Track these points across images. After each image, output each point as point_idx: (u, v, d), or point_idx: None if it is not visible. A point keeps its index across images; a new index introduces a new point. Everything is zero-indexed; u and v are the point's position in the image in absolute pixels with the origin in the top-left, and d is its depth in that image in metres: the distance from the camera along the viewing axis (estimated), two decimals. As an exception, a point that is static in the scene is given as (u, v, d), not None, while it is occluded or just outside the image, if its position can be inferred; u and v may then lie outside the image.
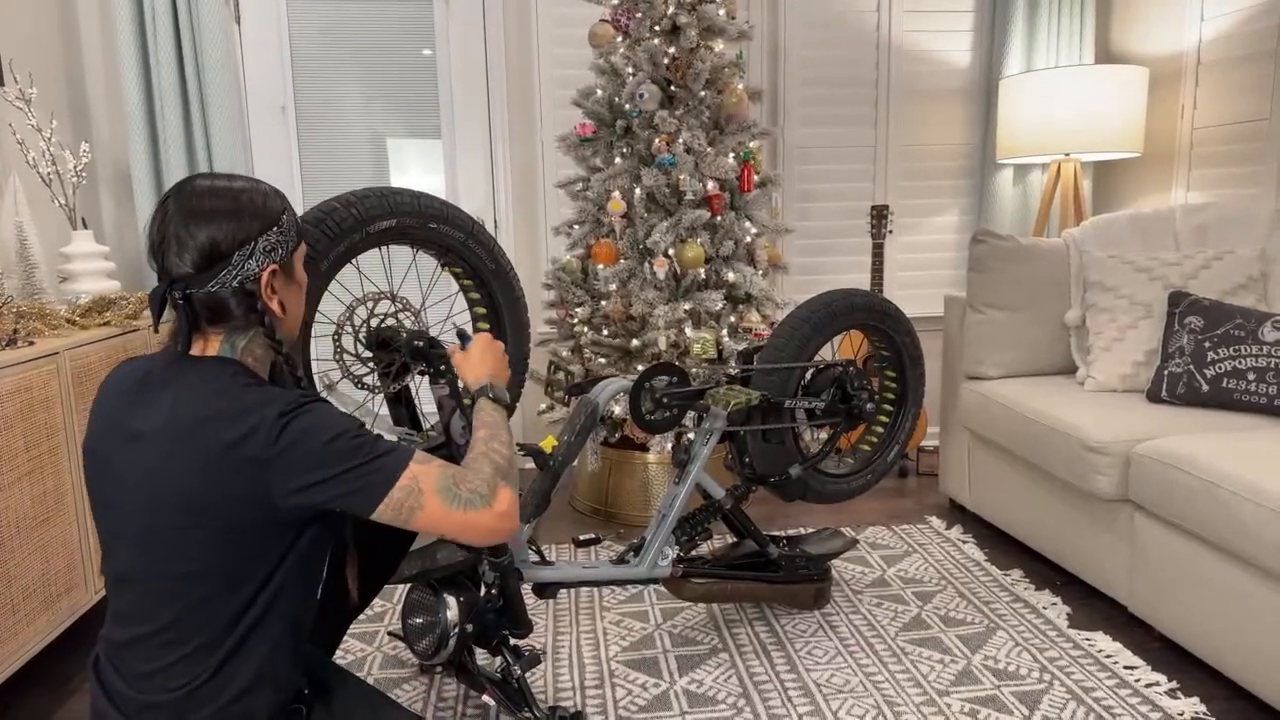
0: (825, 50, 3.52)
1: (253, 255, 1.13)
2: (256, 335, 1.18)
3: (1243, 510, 1.77)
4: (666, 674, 2.02)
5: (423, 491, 1.13)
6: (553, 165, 3.42)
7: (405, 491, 1.12)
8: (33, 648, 1.96)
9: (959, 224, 3.73)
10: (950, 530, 2.85)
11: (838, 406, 2.15)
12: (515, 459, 1.30)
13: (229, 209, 1.12)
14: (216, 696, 1.16)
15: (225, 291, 1.13)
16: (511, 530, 1.19)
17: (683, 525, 2.02)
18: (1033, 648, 2.09)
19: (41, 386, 2.00)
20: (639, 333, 2.80)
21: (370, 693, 1.40)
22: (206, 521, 1.10)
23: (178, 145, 3.01)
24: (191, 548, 1.11)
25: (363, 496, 1.12)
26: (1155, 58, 3.29)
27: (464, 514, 1.14)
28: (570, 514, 3.09)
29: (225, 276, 1.12)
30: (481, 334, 1.54)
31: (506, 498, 1.19)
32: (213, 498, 1.09)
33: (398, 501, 1.12)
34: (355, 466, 1.11)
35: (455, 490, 1.14)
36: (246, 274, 1.13)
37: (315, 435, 1.10)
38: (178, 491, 1.09)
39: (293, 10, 3.27)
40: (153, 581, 1.13)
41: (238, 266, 1.12)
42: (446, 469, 1.17)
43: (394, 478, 1.12)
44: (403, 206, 1.55)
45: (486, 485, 1.17)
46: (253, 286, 1.14)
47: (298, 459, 1.09)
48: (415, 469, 1.14)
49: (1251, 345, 2.26)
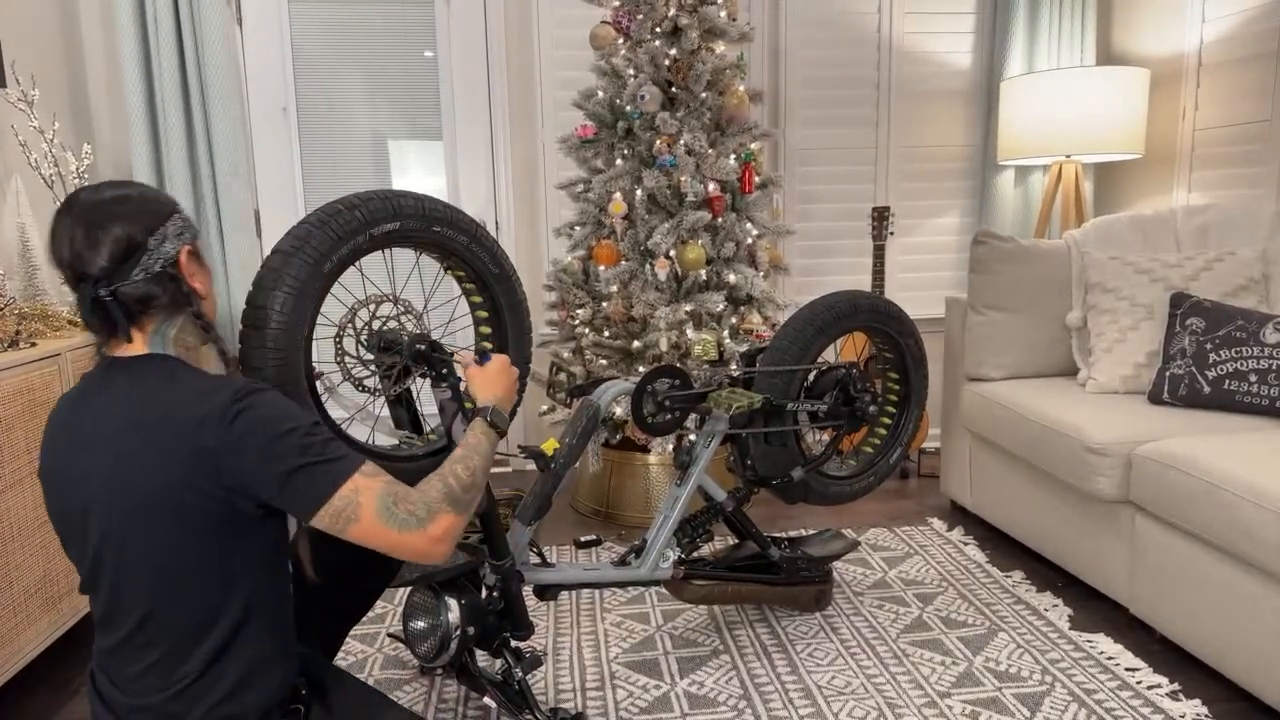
0: (826, 51, 3.52)
1: (166, 239, 1.14)
2: (186, 321, 1.19)
3: (1244, 512, 1.77)
4: (667, 676, 2.02)
5: (360, 505, 1.12)
6: (554, 167, 3.42)
7: (345, 501, 1.12)
8: (34, 649, 1.96)
9: (960, 225, 3.73)
10: (952, 532, 2.85)
11: (840, 409, 2.15)
12: (479, 485, 1.28)
13: (129, 205, 1.13)
14: (206, 695, 1.17)
15: (149, 278, 1.13)
16: (443, 555, 1.18)
17: (684, 527, 2.02)
18: (1034, 649, 2.09)
19: (44, 388, 2.00)
20: (640, 334, 2.80)
21: (370, 693, 1.41)
22: (169, 515, 1.10)
23: (179, 146, 3.01)
24: (157, 543, 1.11)
25: (304, 500, 1.12)
26: (1156, 59, 3.29)
27: (397, 534, 1.13)
28: (572, 516, 3.09)
29: (147, 263, 1.13)
30: (502, 356, 1.55)
31: (445, 524, 1.17)
32: (172, 489, 1.09)
33: (336, 510, 1.12)
34: (302, 466, 1.10)
35: (393, 509, 1.13)
36: (165, 257, 1.14)
37: (268, 426, 1.10)
38: (139, 488, 1.10)
39: (294, 12, 3.27)
40: (124, 583, 1.14)
41: (154, 251, 1.13)
42: (390, 486, 1.15)
43: (337, 485, 1.12)
44: (407, 209, 1.55)
45: (426, 509, 1.16)
46: (173, 270, 1.15)
47: (249, 449, 1.09)
48: (359, 480, 1.13)
49: (1253, 347, 2.26)
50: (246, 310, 1.39)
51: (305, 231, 1.43)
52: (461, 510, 1.21)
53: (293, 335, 1.40)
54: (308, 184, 3.38)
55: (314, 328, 1.47)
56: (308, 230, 1.43)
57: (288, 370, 1.39)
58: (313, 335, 1.47)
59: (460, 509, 1.21)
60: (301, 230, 1.43)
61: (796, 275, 3.61)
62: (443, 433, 1.69)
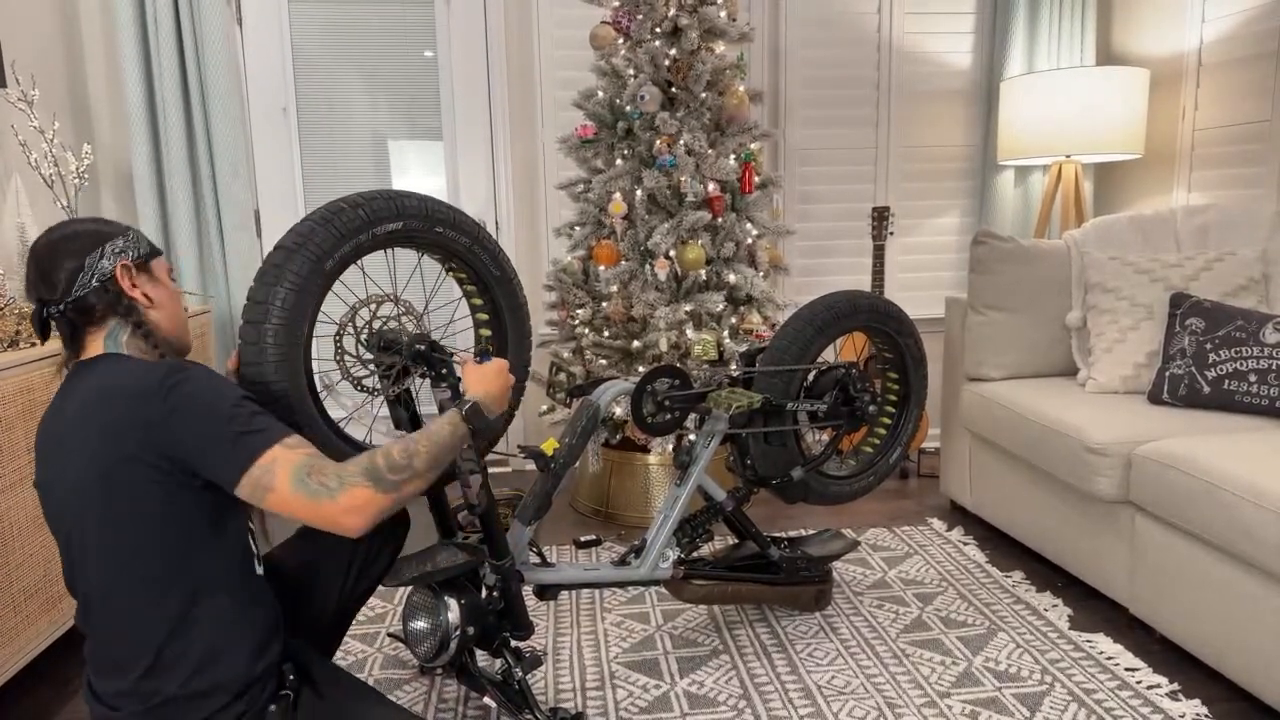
0: (826, 52, 3.52)
1: (103, 257, 1.27)
2: (135, 327, 1.30)
3: (1244, 512, 1.77)
4: (667, 675, 2.02)
5: (276, 474, 1.17)
6: (554, 167, 3.43)
7: (262, 470, 1.17)
8: (35, 648, 1.96)
9: (960, 225, 3.73)
10: (951, 532, 2.85)
11: (840, 409, 2.15)
12: (420, 471, 1.28)
13: (74, 241, 1.27)
14: (172, 672, 1.22)
15: (87, 292, 1.26)
16: (356, 528, 1.20)
17: (684, 527, 2.02)
18: (1034, 649, 2.09)
19: (44, 388, 2.00)
20: (640, 334, 2.81)
21: (367, 691, 1.42)
22: (117, 491, 1.18)
23: (179, 146, 3.01)
24: (107, 521, 1.19)
25: (227, 468, 1.18)
26: (1156, 59, 3.29)
27: (310, 502, 1.18)
28: (571, 515, 3.09)
29: (83, 280, 1.25)
30: (502, 361, 1.56)
31: (358, 497, 1.19)
32: (116, 465, 1.17)
33: (254, 479, 1.17)
34: (225, 437, 1.17)
35: (306, 480, 1.18)
36: (102, 273, 1.26)
37: (199, 398, 1.18)
38: (87, 468, 1.18)
39: (294, 12, 3.27)
40: (85, 566, 1.23)
41: (91, 270, 1.26)
42: (309, 458, 1.19)
43: (255, 456, 1.17)
44: (410, 210, 1.55)
45: (339, 481, 1.19)
46: (110, 283, 1.27)
47: (180, 420, 1.17)
48: (277, 451, 1.18)
49: (1253, 347, 2.26)
50: (247, 305, 1.40)
51: (308, 228, 1.43)
52: (385, 489, 1.22)
53: (293, 332, 1.40)
54: (308, 184, 3.38)
55: (314, 325, 1.47)
56: (311, 227, 1.43)
57: (287, 366, 1.40)
58: (313, 332, 1.47)
59: (382, 487, 1.22)
60: (304, 227, 1.43)
61: (796, 275, 3.61)
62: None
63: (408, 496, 1.27)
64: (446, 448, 1.36)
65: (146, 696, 1.23)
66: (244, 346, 1.39)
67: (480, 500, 1.66)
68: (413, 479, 1.27)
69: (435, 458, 1.32)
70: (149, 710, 1.23)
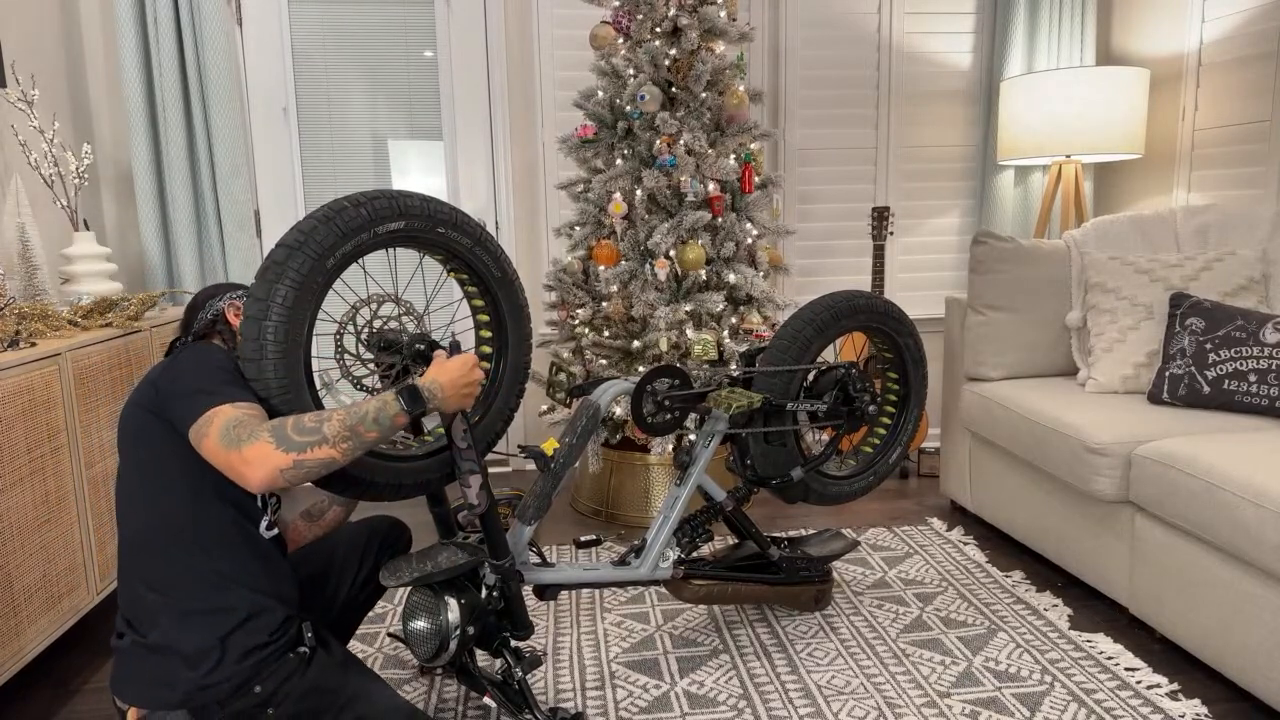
0: (826, 52, 3.52)
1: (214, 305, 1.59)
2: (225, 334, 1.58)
3: (1244, 512, 1.77)
4: (667, 675, 2.02)
5: (211, 424, 1.29)
6: (554, 166, 3.43)
7: (204, 421, 1.30)
8: (35, 648, 1.96)
9: (960, 225, 3.73)
10: (951, 532, 2.85)
11: (840, 409, 2.15)
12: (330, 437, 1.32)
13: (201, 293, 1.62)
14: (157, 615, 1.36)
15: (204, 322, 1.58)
16: (255, 481, 1.27)
17: (684, 527, 2.02)
18: (1034, 649, 2.09)
19: (44, 388, 2.00)
20: (640, 334, 2.80)
21: (375, 675, 1.51)
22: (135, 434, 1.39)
23: (179, 146, 3.01)
24: (127, 462, 1.40)
25: (184, 417, 1.33)
26: (1156, 59, 3.29)
27: (223, 451, 1.28)
28: (572, 515, 3.09)
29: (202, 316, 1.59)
30: (470, 356, 1.56)
31: (258, 451, 1.26)
32: (137, 411, 1.39)
33: (198, 429, 1.30)
34: (190, 391, 1.34)
35: (229, 432, 1.28)
36: (214, 311, 1.58)
37: (187, 361, 1.39)
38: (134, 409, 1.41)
39: (294, 12, 3.27)
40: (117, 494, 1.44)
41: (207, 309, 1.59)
42: (246, 416, 1.31)
43: (204, 408, 1.31)
44: (412, 209, 1.55)
45: (248, 434, 1.27)
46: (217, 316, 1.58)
47: (172, 377, 1.37)
48: (222, 408, 1.31)
49: (1253, 347, 2.26)
50: (248, 302, 1.40)
51: (310, 226, 1.43)
52: (286, 448, 1.28)
53: (293, 329, 1.40)
54: (308, 184, 3.38)
55: (315, 322, 1.47)
56: (313, 225, 1.43)
57: (287, 363, 1.40)
58: (313, 330, 1.47)
59: (284, 446, 1.28)
60: (306, 225, 1.43)
61: (796, 275, 3.61)
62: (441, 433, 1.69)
63: (314, 461, 1.30)
64: (368, 421, 1.36)
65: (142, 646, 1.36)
66: (244, 343, 1.40)
67: (480, 500, 1.66)
68: (320, 444, 1.31)
69: (351, 429, 1.34)
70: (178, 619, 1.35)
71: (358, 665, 1.51)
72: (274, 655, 1.38)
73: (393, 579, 1.60)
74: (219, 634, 1.35)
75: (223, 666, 1.34)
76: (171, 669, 1.34)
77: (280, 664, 1.38)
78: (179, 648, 1.34)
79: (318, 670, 1.42)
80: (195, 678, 1.33)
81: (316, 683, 1.41)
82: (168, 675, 1.34)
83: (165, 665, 1.34)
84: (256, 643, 1.37)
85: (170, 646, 1.34)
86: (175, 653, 1.34)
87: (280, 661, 1.38)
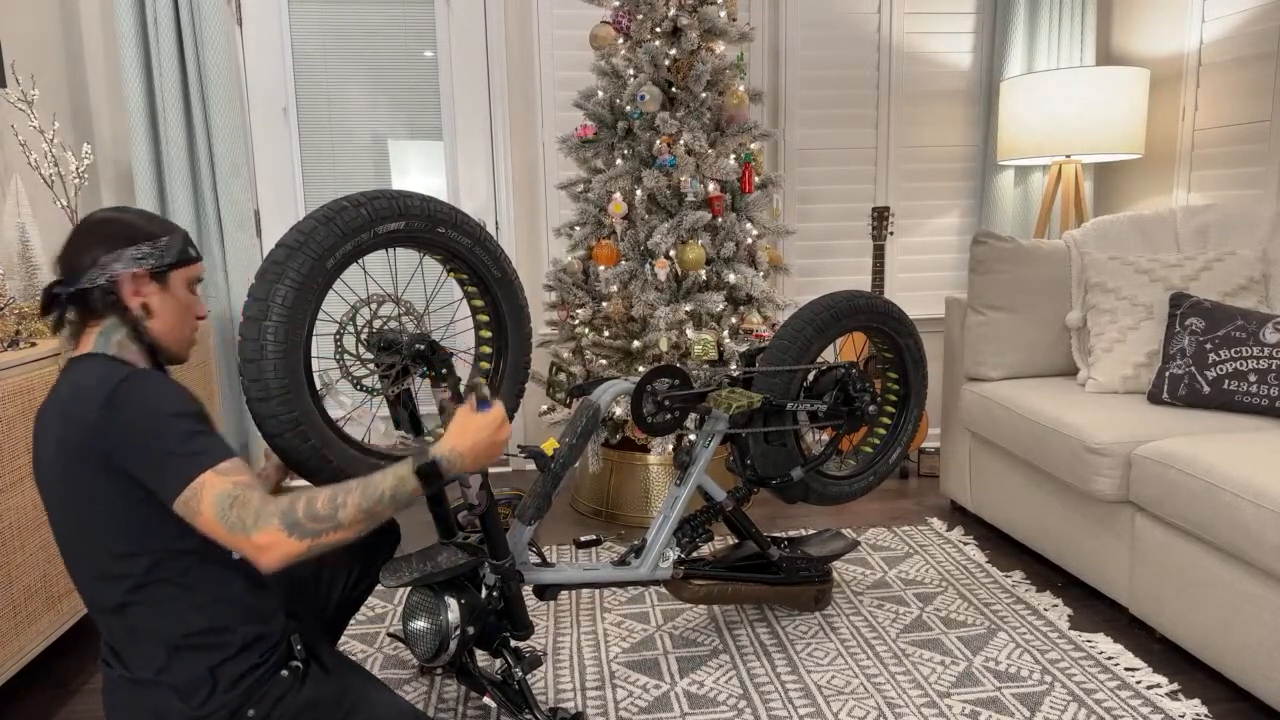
0: (826, 52, 3.52)
1: (119, 260, 1.29)
2: (129, 331, 1.32)
3: (1244, 512, 1.77)
4: (667, 675, 2.02)
5: (202, 500, 1.19)
6: (554, 166, 3.43)
7: (191, 493, 1.19)
8: (35, 648, 1.96)
9: (960, 225, 3.73)
10: (951, 532, 2.85)
11: (840, 409, 2.15)
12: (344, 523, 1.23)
13: (109, 227, 1.31)
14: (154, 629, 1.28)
15: (91, 289, 1.28)
16: (268, 566, 1.20)
17: (684, 527, 2.02)
18: (1034, 649, 2.09)
19: (44, 388, 2.00)
20: (640, 334, 2.80)
21: (372, 677, 1.47)
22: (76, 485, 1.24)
23: (179, 146, 3.01)
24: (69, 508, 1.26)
25: (163, 485, 1.20)
26: (1156, 59, 3.29)
27: (228, 533, 1.19)
28: (572, 515, 3.09)
29: (93, 274, 1.28)
30: (499, 413, 1.42)
31: (270, 539, 1.19)
32: (73, 461, 1.22)
33: (184, 500, 1.19)
34: (161, 453, 1.20)
35: (227, 511, 1.18)
36: (110, 274, 1.29)
37: (144, 404, 1.21)
38: (56, 462, 1.24)
39: (294, 12, 3.27)
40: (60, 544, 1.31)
41: (104, 268, 1.29)
42: (237, 487, 1.19)
43: (187, 479, 1.19)
44: (412, 209, 1.55)
45: (256, 519, 1.18)
46: (113, 287, 1.29)
47: (125, 423, 1.20)
48: (207, 477, 1.19)
49: (1253, 347, 2.26)
50: (248, 302, 1.40)
51: (310, 226, 1.43)
52: (299, 535, 1.20)
53: (293, 329, 1.40)
54: (308, 184, 3.38)
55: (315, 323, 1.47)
56: (313, 225, 1.43)
57: (287, 363, 1.40)
58: (313, 330, 1.47)
59: (297, 534, 1.20)
60: (307, 225, 1.43)
61: (796, 275, 3.61)
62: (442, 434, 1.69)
63: (327, 545, 1.24)
64: (385, 500, 1.28)
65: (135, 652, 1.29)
66: (244, 343, 1.39)
67: (480, 500, 1.66)
68: (335, 530, 1.23)
69: (367, 511, 1.26)
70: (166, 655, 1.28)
71: (354, 672, 1.47)
72: (265, 676, 1.33)
73: (393, 579, 1.60)
74: (209, 664, 1.30)
75: (215, 697, 1.29)
76: (162, 699, 1.29)
77: (272, 683, 1.34)
78: (169, 680, 1.29)
79: (312, 685, 1.38)
80: (187, 709, 1.28)
81: (313, 697, 1.37)
82: (159, 706, 1.29)
83: (156, 696, 1.29)
84: (248, 667, 1.32)
85: (159, 681, 1.29)
86: (165, 685, 1.29)
87: (272, 681, 1.34)
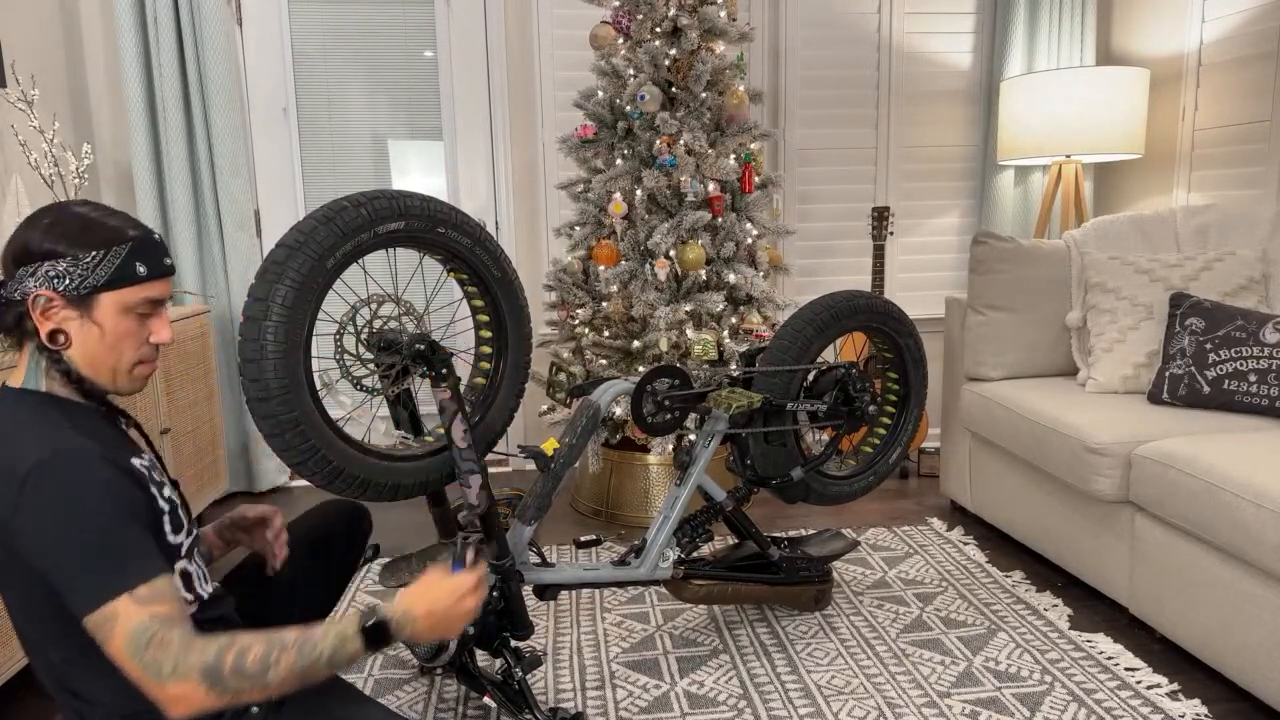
0: (826, 52, 3.52)
1: (34, 275, 1.14)
2: (48, 359, 1.17)
3: (1244, 512, 1.77)
4: (667, 675, 2.02)
5: (115, 630, 1.07)
6: (554, 166, 3.43)
7: (104, 618, 1.07)
8: (34, 649, 1.96)
9: (960, 225, 3.73)
10: (951, 532, 2.85)
11: (840, 409, 2.15)
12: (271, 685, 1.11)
13: (40, 230, 1.15)
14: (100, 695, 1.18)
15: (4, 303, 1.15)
16: (176, 716, 1.09)
17: (684, 527, 2.02)
18: (1034, 649, 2.09)
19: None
20: (640, 334, 2.80)
21: (355, 693, 1.34)
22: None
23: (179, 147, 3.02)
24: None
25: (74, 604, 1.09)
26: (1156, 59, 3.29)
27: (140, 673, 1.08)
28: (572, 515, 3.09)
29: (10, 287, 1.15)
30: (474, 577, 1.31)
31: (184, 690, 1.07)
32: None
33: (95, 624, 1.08)
34: (75, 566, 1.07)
35: (142, 650, 1.07)
36: (23, 290, 1.14)
37: (55, 505, 1.07)
38: None
39: (294, 12, 3.27)
40: None
41: (19, 281, 1.14)
42: (153, 621, 1.07)
43: (96, 604, 1.07)
44: (412, 209, 1.55)
45: (172, 667, 1.07)
46: (19, 305, 1.15)
47: (34, 528, 1.07)
48: (122, 605, 1.07)
49: (1253, 347, 2.26)
50: (248, 302, 1.40)
51: (310, 226, 1.43)
52: (220, 692, 1.08)
53: (293, 329, 1.40)
54: (308, 184, 3.38)
55: (315, 323, 1.47)
56: (313, 225, 1.43)
57: (287, 363, 1.40)
58: (313, 330, 1.47)
59: (217, 690, 1.08)
60: (306, 225, 1.43)
61: (796, 275, 3.61)
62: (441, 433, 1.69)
63: (246, 701, 1.12)
64: (321, 663, 1.14)
65: None
66: (244, 343, 1.39)
67: (480, 500, 1.66)
68: (260, 689, 1.10)
69: (300, 672, 1.12)
70: None
71: (339, 692, 1.32)
72: (234, 717, 1.20)
73: (393, 579, 1.60)
74: None
75: None
76: None
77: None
78: None
79: (289, 716, 1.24)
80: None
81: None
82: None
83: None
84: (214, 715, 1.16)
85: None
86: None
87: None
